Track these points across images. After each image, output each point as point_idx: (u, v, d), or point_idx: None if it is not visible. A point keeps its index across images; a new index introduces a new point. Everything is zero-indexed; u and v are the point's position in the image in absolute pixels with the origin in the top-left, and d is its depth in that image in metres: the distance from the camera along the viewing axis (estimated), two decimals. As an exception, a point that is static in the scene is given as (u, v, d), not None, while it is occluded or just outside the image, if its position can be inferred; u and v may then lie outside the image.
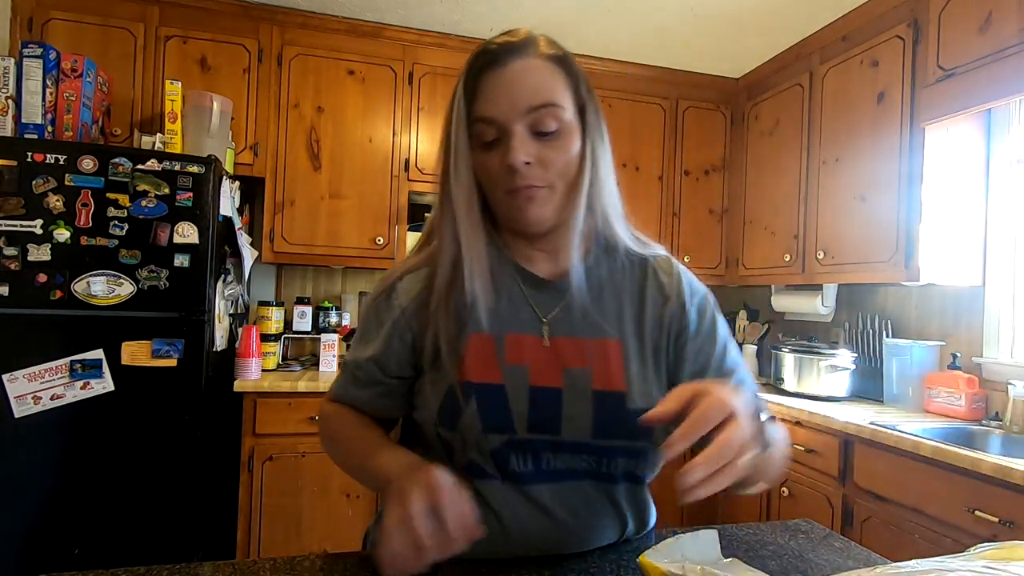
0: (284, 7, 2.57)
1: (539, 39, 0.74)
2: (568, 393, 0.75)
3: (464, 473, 0.74)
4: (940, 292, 2.30)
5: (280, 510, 2.29)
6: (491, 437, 0.73)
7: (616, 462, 0.76)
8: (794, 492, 2.22)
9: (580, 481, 0.76)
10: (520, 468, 0.74)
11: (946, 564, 0.53)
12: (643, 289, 0.81)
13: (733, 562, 0.70)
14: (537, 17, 2.59)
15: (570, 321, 0.78)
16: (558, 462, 0.75)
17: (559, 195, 0.74)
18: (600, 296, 0.80)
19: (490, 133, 0.72)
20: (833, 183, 2.48)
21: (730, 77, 3.15)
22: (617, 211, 0.81)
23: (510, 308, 0.78)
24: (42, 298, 1.87)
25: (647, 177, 3.05)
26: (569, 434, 0.74)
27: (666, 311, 0.80)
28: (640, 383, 0.77)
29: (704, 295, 0.84)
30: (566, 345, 0.77)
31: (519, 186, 0.72)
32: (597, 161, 0.76)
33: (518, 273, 0.80)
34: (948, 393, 2.11)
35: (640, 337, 0.79)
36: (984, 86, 1.85)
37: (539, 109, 0.71)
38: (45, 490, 1.89)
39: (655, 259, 0.84)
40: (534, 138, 0.72)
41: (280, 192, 2.59)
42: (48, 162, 1.87)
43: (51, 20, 2.35)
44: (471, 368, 0.74)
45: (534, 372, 0.75)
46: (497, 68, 0.71)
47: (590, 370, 0.76)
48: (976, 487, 1.56)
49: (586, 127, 0.76)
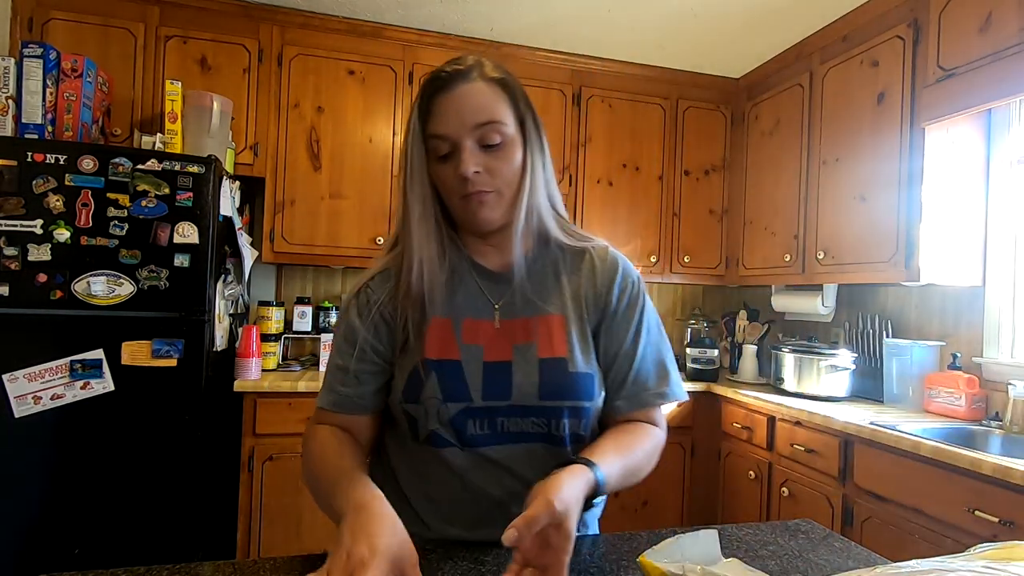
0: (284, 7, 2.57)
1: (483, 64, 0.86)
2: (517, 363, 0.86)
3: (427, 444, 0.85)
4: (940, 292, 2.30)
5: (280, 510, 2.29)
6: (450, 406, 0.83)
7: (562, 423, 0.85)
8: (794, 492, 2.22)
9: (533, 444, 0.86)
10: (477, 432, 0.84)
11: (946, 564, 0.53)
12: (580, 272, 0.93)
13: (733, 562, 0.70)
14: (537, 17, 2.59)
15: (517, 305, 0.90)
16: (511, 425, 0.85)
17: (506, 199, 0.86)
18: (543, 281, 0.92)
19: (444, 148, 0.83)
20: (833, 183, 2.48)
21: (730, 77, 3.15)
22: (549, 211, 0.92)
23: (466, 297, 0.90)
24: (42, 298, 1.87)
25: (647, 177, 3.05)
26: (519, 399, 0.85)
27: (598, 290, 0.92)
28: (580, 351, 0.88)
29: (633, 280, 0.94)
30: (514, 325, 0.89)
31: (471, 192, 0.83)
32: (535, 168, 0.88)
33: (473, 267, 0.92)
34: (948, 393, 2.11)
35: (579, 312, 0.91)
36: (984, 86, 1.85)
37: (484, 125, 0.82)
38: (45, 490, 1.89)
39: (594, 248, 0.95)
40: (482, 150, 0.83)
41: (280, 192, 2.59)
42: (48, 162, 1.87)
43: (51, 20, 2.35)
44: (431, 348, 0.85)
45: (488, 350, 0.87)
46: (446, 92, 0.83)
47: (535, 343, 0.87)
48: (976, 487, 1.56)
49: (526, 139, 0.87)
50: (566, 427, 0.85)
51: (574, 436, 0.86)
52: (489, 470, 0.85)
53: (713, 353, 2.87)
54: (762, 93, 2.96)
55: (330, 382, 0.89)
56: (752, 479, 2.46)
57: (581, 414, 0.86)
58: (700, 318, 3.25)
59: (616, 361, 0.90)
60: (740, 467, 2.56)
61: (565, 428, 0.85)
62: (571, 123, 2.94)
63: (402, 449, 0.90)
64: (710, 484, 2.76)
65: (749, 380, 2.87)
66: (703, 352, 2.87)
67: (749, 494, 2.48)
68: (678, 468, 2.74)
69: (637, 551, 0.73)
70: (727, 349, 3.16)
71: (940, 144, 2.09)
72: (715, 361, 2.87)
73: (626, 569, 0.74)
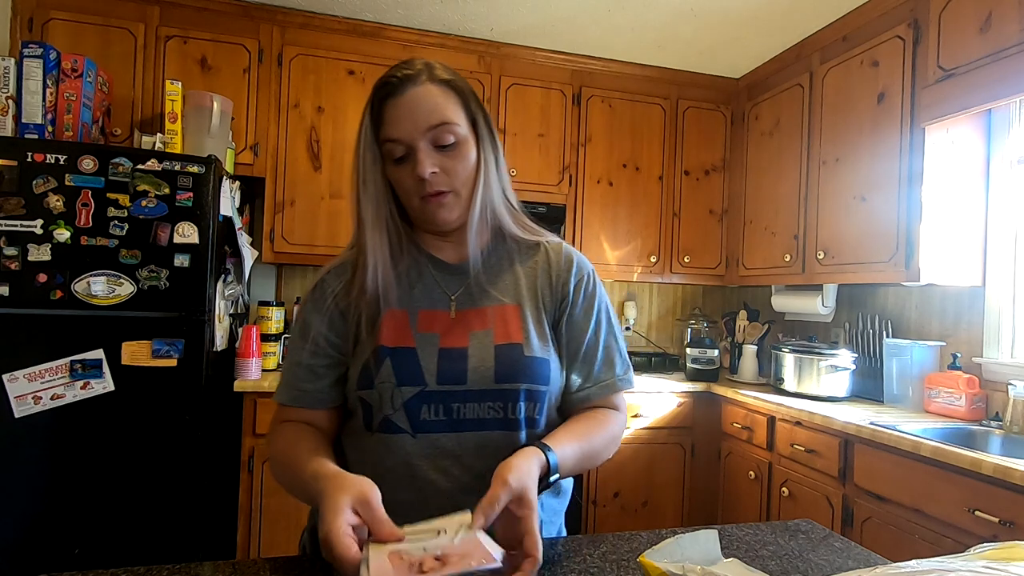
0: (284, 7, 2.58)
1: (433, 67, 0.87)
2: (473, 349, 0.87)
3: (379, 432, 0.85)
4: (940, 292, 2.30)
5: (280, 510, 2.29)
6: (404, 390, 0.84)
7: (518, 406, 0.86)
8: (794, 492, 2.22)
9: (490, 432, 0.86)
10: (431, 417, 0.85)
11: (946, 564, 0.53)
12: (535, 265, 0.96)
13: (733, 562, 0.70)
14: (537, 17, 2.59)
15: (473, 295, 0.92)
16: (467, 411, 0.85)
17: (463, 198, 0.88)
18: (499, 273, 0.94)
19: (399, 151, 0.85)
20: (833, 183, 2.48)
21: (730, 77, 3.15)
22: (504, 205, 0.94)
23: (423, 290, 0.92)
24: (42, 298, 1.87)
25: (647, 177, 3.05)
26: (475, 383, 0.85)
27: (554, 283, 0.95)
28: (536, 337, 0.90)
29: (588, 273, 0.98)
30: (471, 315, 0.90)
31: (429, 193, 0.85)
32: (489, 165, 0.90)
33: (430, 261, 0.94)
34: (948, 393, 2.11)
35: (535, 302, 0.93)
36: (984, 86, 1.85)
37: (437, 127, 0.84)
38: (45, 490, 1.89)
39: (548, 243, 0.98)
40: (437, 151, 0.85)
41: (280, 192, 2.59)
42: (48, 162, 1.87)
43: (51, 20, 2.35)
44: (387, 337, 0.87)
45: (444, 338, 0.88)
46: (397, 96, 0.84)
47: (491, 330, 0.89)
48: (976, 487, 1.56)
49: (479, 137, 0.89)
50: (522, 410, 0.86)
51: (529, 420, 0.88)
52: (439, 460, 0.85)
53: (713, 353, 2.87)
54: (762, 93, 2.96)
55: (288, 378, 0.90)
56: (752, 479, 2.46)
57: (537, 397, 0.87)
58: (700, 318, 3.25)
59: (579, 354, 0.93)
60: (740, 467, 2.56)
61: (521, 411, 0.86)
62: (571, 123, 2.94)
63: (356, 443, 0.91)
64: (710, 484, 2.76)
65: (749, 380, 2.87)
66: (703, 352, 2.87)
67: (749, 494, 2.48)
68: (678, 468, 2.74)
69: (637, 551, 0.73)
70: (727, 349, 3.16)
71: (940, 144, 2.09)
72: (715, 361, 2.87)
73: (626, 569, 0.74)
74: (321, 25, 2.63)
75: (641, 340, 3.38)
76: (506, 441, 0.86)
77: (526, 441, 0.86)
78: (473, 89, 0.91)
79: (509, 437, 0.86)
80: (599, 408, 0.94)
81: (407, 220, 0.93)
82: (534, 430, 0.88)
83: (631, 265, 3.03)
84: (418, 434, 0.84)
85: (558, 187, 2.93)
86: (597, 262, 2.96)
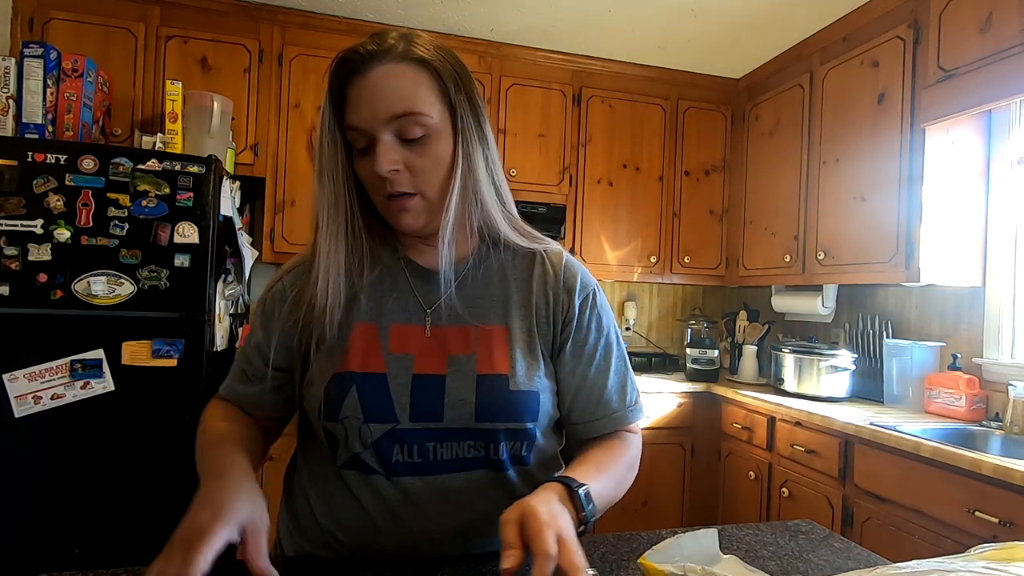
0: (285, 7, 2.58)
1: (409, 39, 0.73)
2: (451, 379, 0.76)
3: (347, 468, 0.76)
4: (940, 293, 2.30)
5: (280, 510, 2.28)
6: (373, 428, 0.73)
7: (501, 446, 0.77)
8: (794, 492, 2.22)
9: (472, 472, 0.77)
10: (403, 459, 0.74)
11: (946, 564, 0.53)
12: (531, 278, 0.84)
13: (733, 561, 0.70)
14: (537, 17, 2.59)
15: (455, 309, 0.80)
16: (444, 451, 0.75)
17: (431, 201, 0.75)
18: (488, 285, 0.82)
19: (361, 140, 0.73)
20: (833, 184, 2.48)
21: (730, 77, 3.15)
22: (498, 209, 0.81)
23: (398, 299, 0.80)
24: (42, 298, 1.86)
25: (647, 177, 3.05)
26: (452, 420, 0.75)
27: (553, 299, 0.83)
28: (523, 367, 0.78)
29: (593, 290, 0.86)
30: (451, 333, 0.79)
31: (391, 194, 0.73)
32: (471, 162, 0.76)
33: (407, 266, 0.82)
34: (948, 394, 2.11)
35: (527, 322, 0.81)
36: (984, 87, 1.85)
37: (401, 117, 0.71)
38: (45, 490, 1.89)
39: (546, 251, 0.86)
40: (402, 144, 0.72)
41: (280, 192, 2.59)
42: (48, 162, 1.87)
43: (52, 20, 2.35)
44: (354, 358, 0.75)
45: (418, 360, 0.76)
46: (360, 76, 0.71)
47: (474, 356, 0.77)
48: (976, 488, 1.56)
49: (458, 130, 0.75)
50: (504, 451, 0.77)
51: (515, 458, 0.79)
52: (419, 505, 0.75)
53: (713, 353, 2.87)
54: (762, 93, 2.96)
55: (231, 376, 0.85)
56: (752, 479, 2.46)
57: (521, 436, 0.78)
58: (700, 318, 3.25)
59: (587, 381, 0.83)
60: (740, 467, 2.56)
61: (503, 452, 0.77)
62: (571, 123, 2.94)
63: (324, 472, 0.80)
64: (710, 484, 2.76)
65: (749, 380, 2.87)
66: (703, 352, 2.87)
67: (749, 494, 2.48)
68: (678, 468, 2.74)
69: (637, 551, 0.73)
70: (727, 349, 3.16)
71: (940, 145, 2.09)
72: (715, 361, 2.87)
73: (626, 569, 0.74)
74: (321, 25, 2.63)
75: (641, 340, 3.38)
76: (492, 480, 0.78)
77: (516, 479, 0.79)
78: (464, 72, 0.76)
79: (494, 477, 0.78)
80: (617, 433, 0.85)
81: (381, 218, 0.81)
82: (523, 467, 0.81)
83: (631, 265, 3.03)
84: (392, 477, 0.75)
85: (558, 187, 2.93)
86: (597, 262, 2.96)
